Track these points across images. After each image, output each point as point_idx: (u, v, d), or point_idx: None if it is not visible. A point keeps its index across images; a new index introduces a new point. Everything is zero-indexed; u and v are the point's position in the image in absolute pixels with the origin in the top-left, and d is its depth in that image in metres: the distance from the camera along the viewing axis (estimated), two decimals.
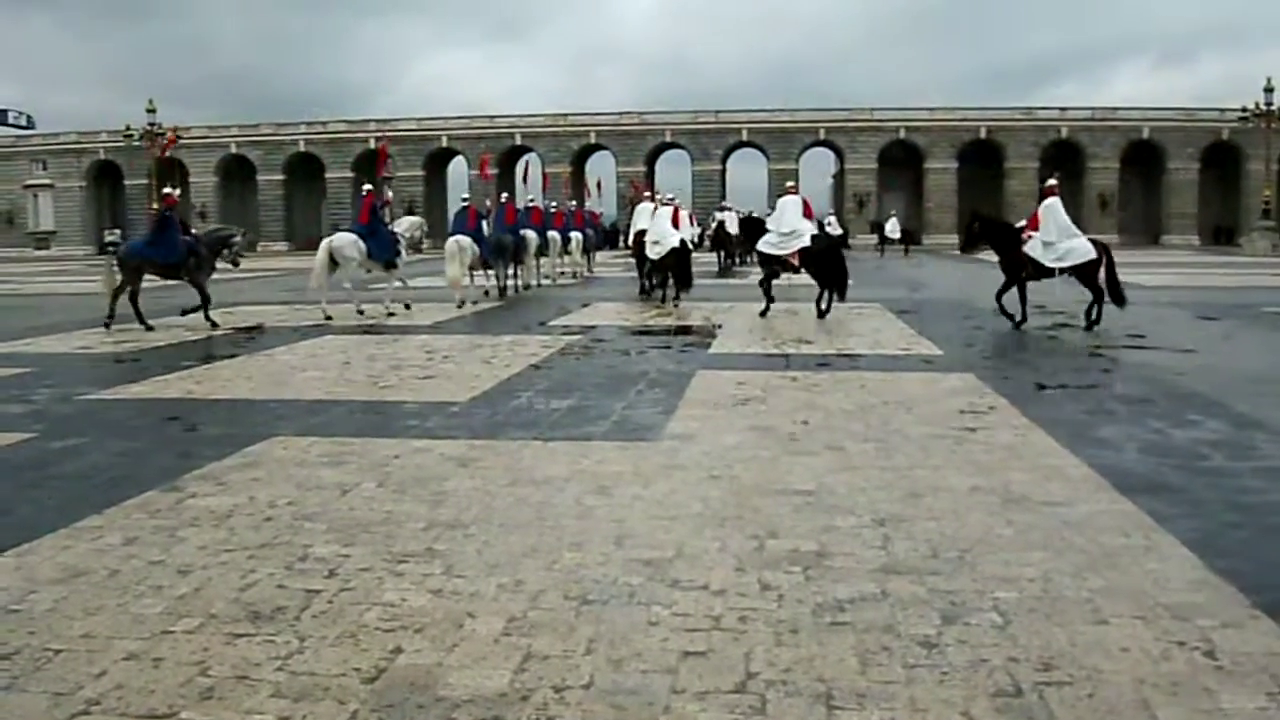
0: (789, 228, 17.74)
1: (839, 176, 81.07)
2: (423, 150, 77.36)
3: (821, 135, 75.59)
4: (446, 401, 9.53)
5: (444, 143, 77.16)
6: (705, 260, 32.96)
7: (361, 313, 18.03)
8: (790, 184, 20.04)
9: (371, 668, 3.79)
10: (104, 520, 5.71)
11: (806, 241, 17.56)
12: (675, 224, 21.40)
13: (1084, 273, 15.53)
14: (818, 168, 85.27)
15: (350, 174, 77.82)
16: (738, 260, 36.88)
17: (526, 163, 45.32)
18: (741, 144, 76.48)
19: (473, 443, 7.68)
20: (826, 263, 17.58)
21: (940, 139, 74.01)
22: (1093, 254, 15.40)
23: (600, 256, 37.27)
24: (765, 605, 4.35)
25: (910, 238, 72.19)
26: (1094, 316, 15.35)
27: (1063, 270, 15.59)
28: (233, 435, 8.07)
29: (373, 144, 77.38)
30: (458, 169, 79.83)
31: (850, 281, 18.03)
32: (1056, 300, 16.39)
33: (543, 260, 27.96)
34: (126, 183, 79.48)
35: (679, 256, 20.27)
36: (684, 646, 3.94)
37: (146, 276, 17.21)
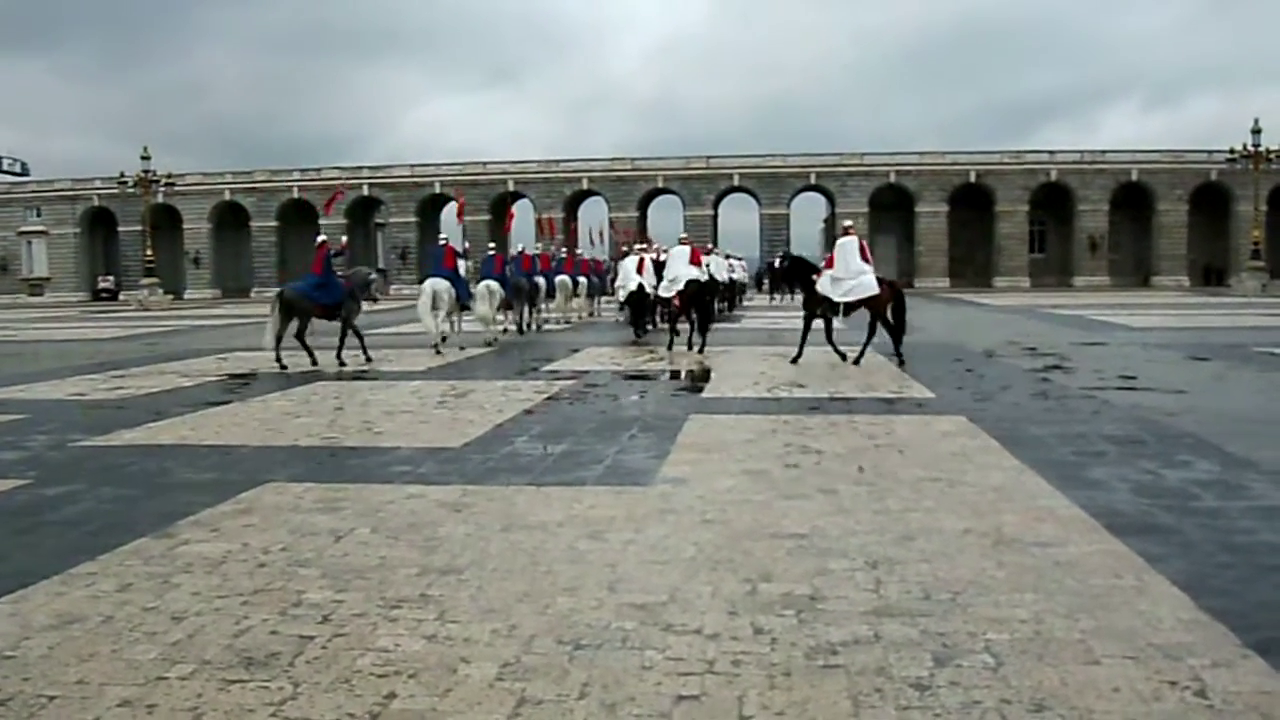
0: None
1: (830, 220, 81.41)
2: (415, 197, 77.64)
3: (812, 179, 75.99)
4: (440, 447, 9.54)
5: (437, 189, 77.41)
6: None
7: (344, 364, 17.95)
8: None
9: (365, 713, 3.80)
10: (98, 566, 5.71)
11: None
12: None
13: (871, 306, 16.79)
14: (809, 212, 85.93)
15: (343, 220, 78.05)
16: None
17: (512, 212, 45.47)
18: (733, 189, 76.85)
19: (466, 488, 7.69)
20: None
21: (931, 182, 74.42)
22: (875, 289, 16.58)
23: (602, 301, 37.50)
24: (758, 649, 4.37)
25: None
26: (862, 351, 16.83)
27: (849, 306, 16.86)
28: (226, 481, 8.07)
29: (366, 190, 77.91)
30: (451, 215, 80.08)
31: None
32: (1048, 344, 16.44)
33: (551, 304, 29.84)
34: (120, 229, 79.65)
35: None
36: (677, 690, 3.95)
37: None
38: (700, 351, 19.30)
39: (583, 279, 33.02)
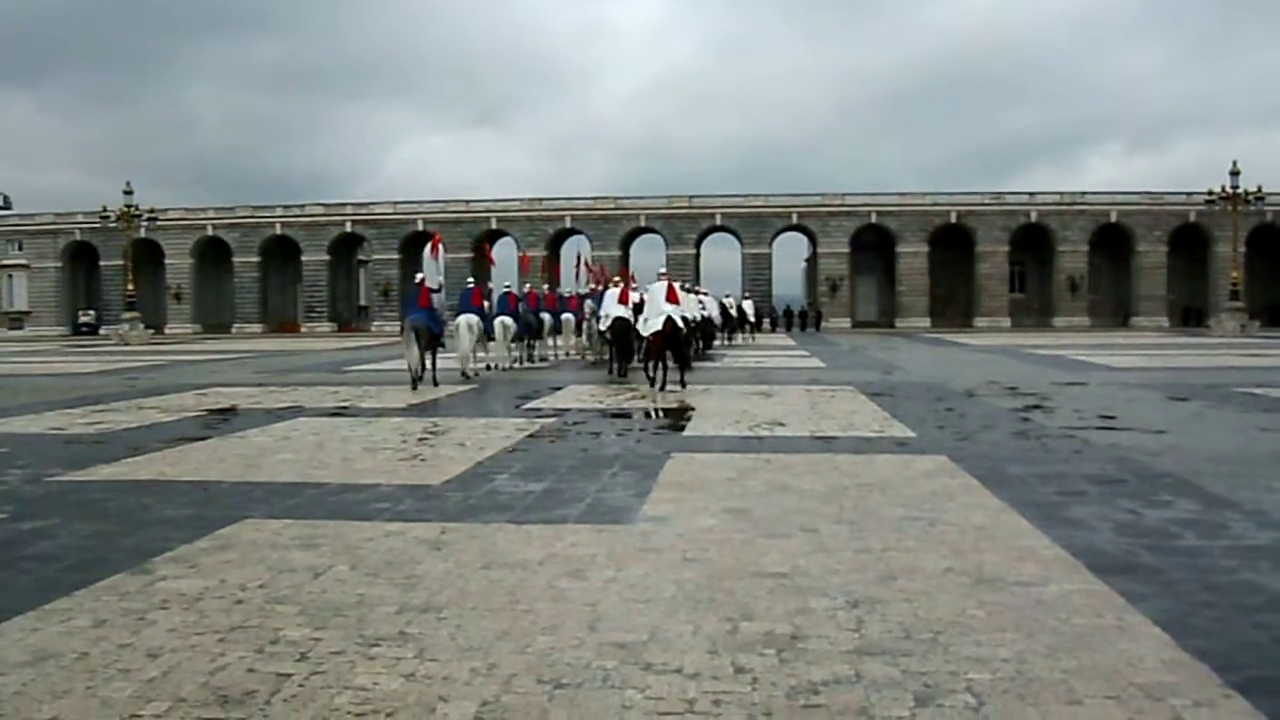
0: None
1: (812, 260, 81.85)
2: (398, 234, 77.81)
3: (794, 219, 76.48)
4: (420, 484, 9.50)
5: (420, 226, 77.58)
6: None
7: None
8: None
9: None
10: (73, 603, 5.65)
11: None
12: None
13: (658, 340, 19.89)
14: (791, 251, 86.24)
15: (326, 257, 78.10)
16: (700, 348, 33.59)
17: (490, 254, 46.01)
18: (715, 228, 77.27)
19: (446, 525, 7.65)
20: None
21: (911, 223, 74.97)
22: (659, 326, 19.64)
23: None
24: (739, 688, 4.34)
25: (806, 318, 72.93)
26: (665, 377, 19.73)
27: (651, 336, 19.98)
28: (204, 517, 8.01)
29: (349, 227, 77.99)
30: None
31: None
32: (1029, 384, 16.51)
33: (554, 340, 32.26)
34: (102, 263, 79.59)
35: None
36: None
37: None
38: (683, 387, 19.64)
39: (568, 315, 33.50)
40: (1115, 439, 12.20)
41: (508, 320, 26.14)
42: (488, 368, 26.35)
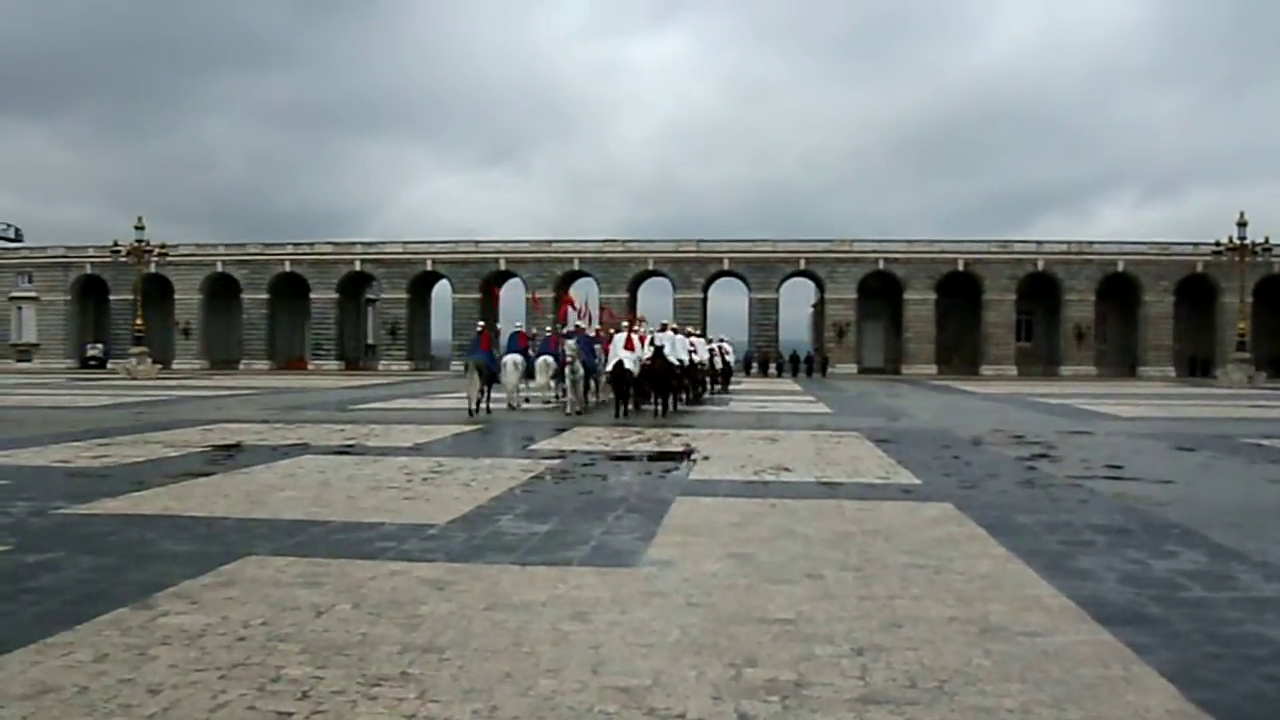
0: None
1: (819, 305, 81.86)
2: (408, 274, 77.96)
3: (802, 265, 76.49)
4: (424, 524, 9.48)
5: (429, 266, 77.76)
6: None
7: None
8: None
9: None
10: (75, 636, 5.64)
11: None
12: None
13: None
14: (798, 297, 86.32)
15: (335, 295, 78.28)
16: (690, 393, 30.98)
17: (497, 292, 46.38)
18: (723, 273, 77.29)
19: (450, 566, 7.64)
20: None
21: (919, 270, 74.98)
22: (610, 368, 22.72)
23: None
24: None
25: (812, 363, 73.01)
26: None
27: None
28: (207, 553, 8.01)
29: (358, 266, 78.24)
30: (442, 292, 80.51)
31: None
32: (1035, 432, 16.48)
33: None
34: (111, 297, 79.68)
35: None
36: None
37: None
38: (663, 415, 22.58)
39: (547, 357, 33.28)
40: (1122, 489, 12.16)
41: (549, 359, 26.81)
42: (526, 400, 28.29)
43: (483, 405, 24.82)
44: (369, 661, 5.27)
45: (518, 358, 26.49)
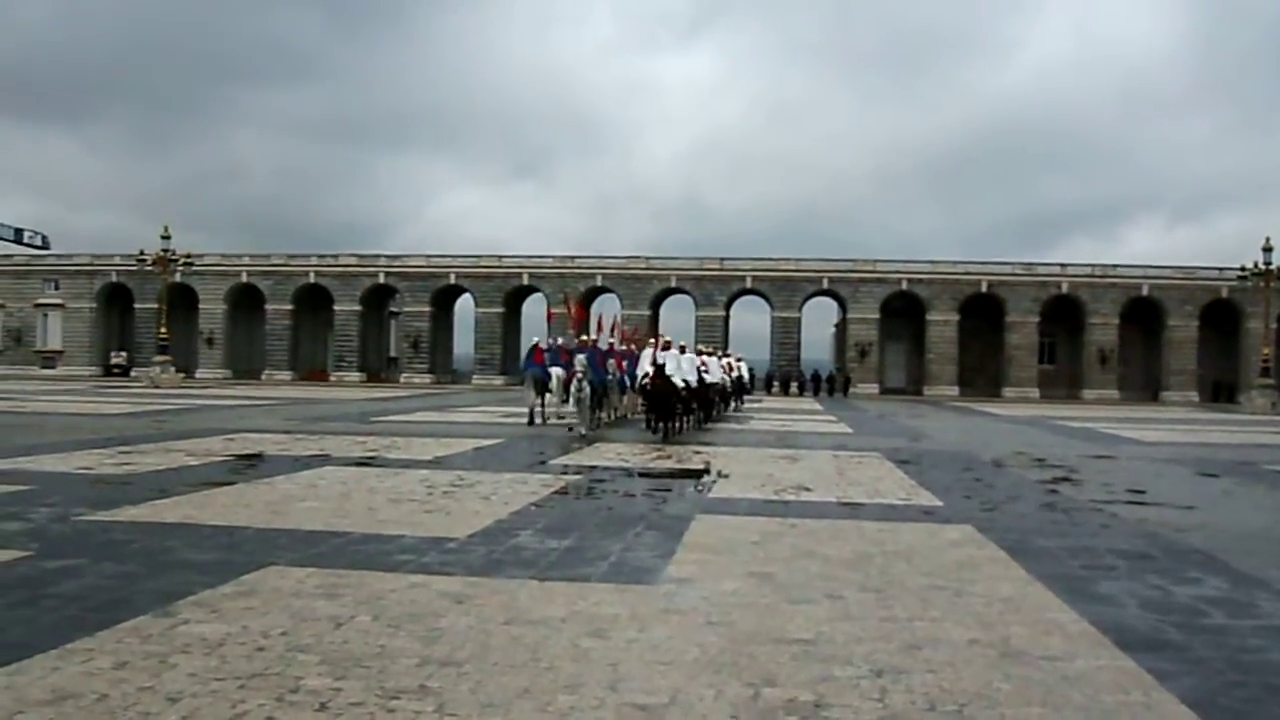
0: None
1: (841, 325, 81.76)
2: (430, 287, 78.21)
3: (825, 285, 76.44)
4: (444, 537, 9.50)
5: (452, 280, 78.05)
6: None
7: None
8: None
9: None
10: (95, 643, 5.66)
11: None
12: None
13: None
14: (821, 316, 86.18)
15: (358, 307, 78.62)
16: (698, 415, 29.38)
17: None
18: (745, 291, 77.29)
19: (469, 580, 7.64)
20: None
21: (942, 291, 74.83)
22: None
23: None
24: None
25: (834, 383, 72.72)
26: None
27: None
28: (228, 563, 8.04)
29: (382, 278, 78.56)
30: (465, 306, 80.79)
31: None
32: (1057, 455, 16.40)
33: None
34: (136, 306, 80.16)
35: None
36: None
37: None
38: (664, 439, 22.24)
39: (558, 369, 32.23)
40: (1144, 514, 12.09)
41: (559, 371, 27.38)
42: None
43: (539, 416, 26.89)
44: (388, 674, 5.28)
45: (560, 371, 27.17)
